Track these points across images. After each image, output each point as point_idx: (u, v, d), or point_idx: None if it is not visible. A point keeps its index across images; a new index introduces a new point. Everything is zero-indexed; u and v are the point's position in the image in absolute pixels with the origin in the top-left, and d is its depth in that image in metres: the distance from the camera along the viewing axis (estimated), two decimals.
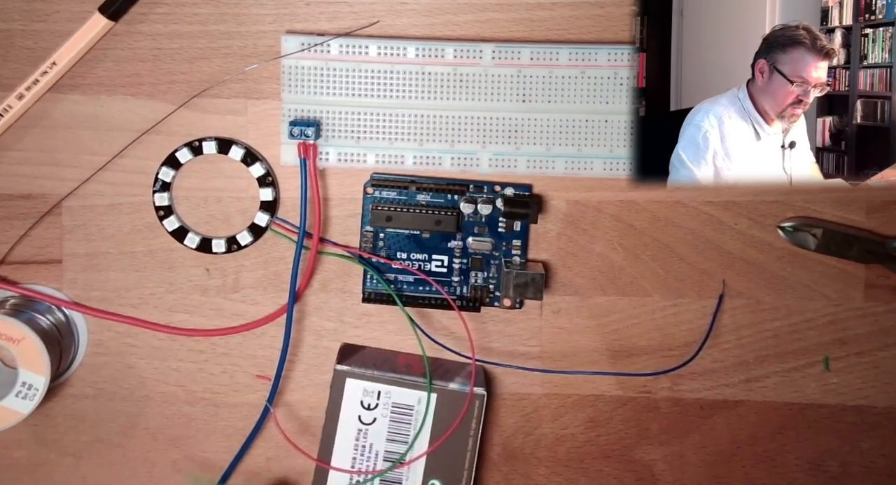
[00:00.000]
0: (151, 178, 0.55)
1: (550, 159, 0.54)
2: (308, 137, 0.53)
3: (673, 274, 0.56)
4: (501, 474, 0.58)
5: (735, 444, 0.57)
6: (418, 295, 0.56)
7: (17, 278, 0.56)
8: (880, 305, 0.56)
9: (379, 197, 0.56)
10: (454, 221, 0.55)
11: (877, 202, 0.56)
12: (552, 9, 0.54)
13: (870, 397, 0.57)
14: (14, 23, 0.55)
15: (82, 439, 0.57)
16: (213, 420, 0.57)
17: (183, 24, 0.55)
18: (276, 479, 0.58)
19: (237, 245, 0.55)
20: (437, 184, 0.55)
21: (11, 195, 0.56)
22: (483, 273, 0.56)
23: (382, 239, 0.56)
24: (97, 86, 0.55)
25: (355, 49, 0.54)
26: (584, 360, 0.57)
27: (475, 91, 0.54)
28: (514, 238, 0.56)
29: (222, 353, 0.57)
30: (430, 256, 0.56)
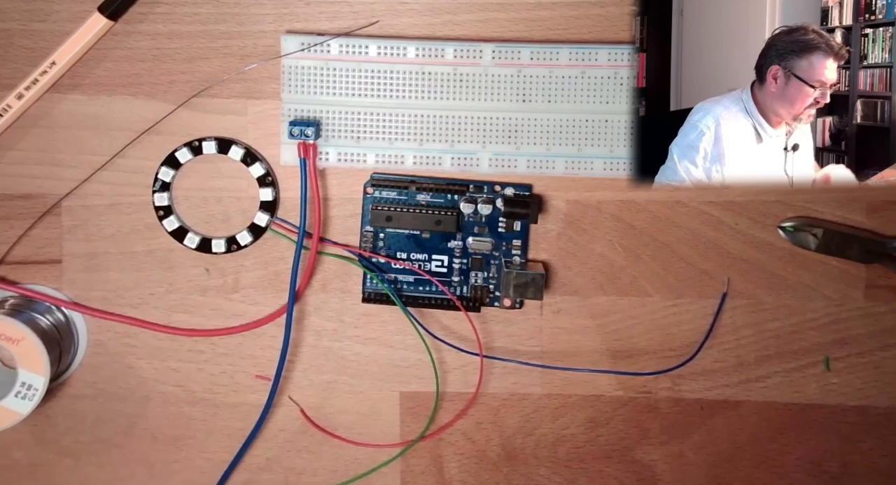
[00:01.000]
0: (151, 178, 0.55)
1: (550, 159, 0.54)
2: (308, 136, 0.53)
3: (673, 274, 0.56)
4: (501, 474, 0.58)
5: (735, 444, 0.57)
6: (418, 295, 0.56)
7: (16, 278, 0.56)
8: (881, 305, 0.56)
9: (379, 197, 0.56)
10: (454, 221, 0.55)
11: (877, 202, 0.56)
12: (552, 9, 0.54)
13: (871, 398, 0.57)
14: (14, 22, 0.55)
15: (82, 440, 0.57)
16: (213, 420, 0.57)
17: (183, 23, 0.55)
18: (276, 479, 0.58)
19: (237, 245, 0.55)
20: (437, 184, 0.55)
21: (11, 195, 0.56)
22: (483, 273, 0.56)
23: (382, 239, 0.56)
24: (97, 86, 0.55)
25: (355, 49, 0.54)
26: (584, 360, 0.57)
27: (475, 91, 0.54)
28: (514, 238, 0.56)
29: (222, 353, 0.57)
30: (431, 257, 0.56)
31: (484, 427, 0.58)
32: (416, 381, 0.57)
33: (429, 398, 0.57)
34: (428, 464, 0.58)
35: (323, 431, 0.57)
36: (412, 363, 0.57)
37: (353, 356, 0.57)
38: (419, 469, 0.58)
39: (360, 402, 0.57)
